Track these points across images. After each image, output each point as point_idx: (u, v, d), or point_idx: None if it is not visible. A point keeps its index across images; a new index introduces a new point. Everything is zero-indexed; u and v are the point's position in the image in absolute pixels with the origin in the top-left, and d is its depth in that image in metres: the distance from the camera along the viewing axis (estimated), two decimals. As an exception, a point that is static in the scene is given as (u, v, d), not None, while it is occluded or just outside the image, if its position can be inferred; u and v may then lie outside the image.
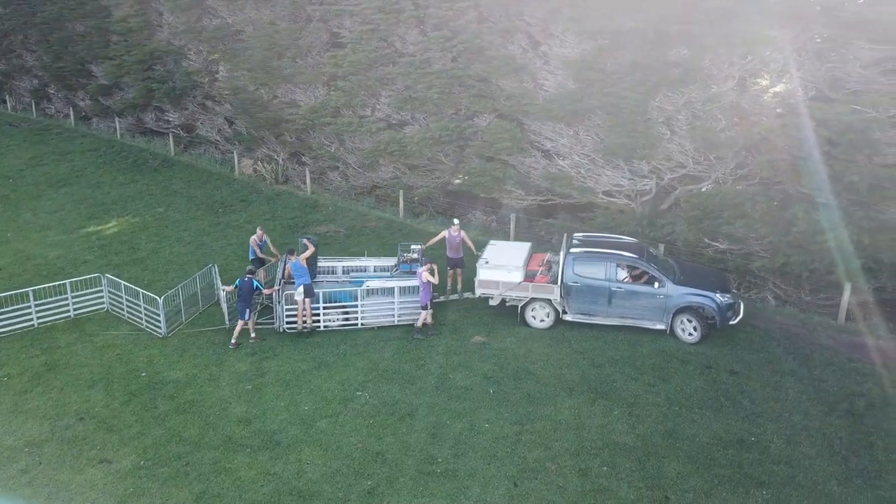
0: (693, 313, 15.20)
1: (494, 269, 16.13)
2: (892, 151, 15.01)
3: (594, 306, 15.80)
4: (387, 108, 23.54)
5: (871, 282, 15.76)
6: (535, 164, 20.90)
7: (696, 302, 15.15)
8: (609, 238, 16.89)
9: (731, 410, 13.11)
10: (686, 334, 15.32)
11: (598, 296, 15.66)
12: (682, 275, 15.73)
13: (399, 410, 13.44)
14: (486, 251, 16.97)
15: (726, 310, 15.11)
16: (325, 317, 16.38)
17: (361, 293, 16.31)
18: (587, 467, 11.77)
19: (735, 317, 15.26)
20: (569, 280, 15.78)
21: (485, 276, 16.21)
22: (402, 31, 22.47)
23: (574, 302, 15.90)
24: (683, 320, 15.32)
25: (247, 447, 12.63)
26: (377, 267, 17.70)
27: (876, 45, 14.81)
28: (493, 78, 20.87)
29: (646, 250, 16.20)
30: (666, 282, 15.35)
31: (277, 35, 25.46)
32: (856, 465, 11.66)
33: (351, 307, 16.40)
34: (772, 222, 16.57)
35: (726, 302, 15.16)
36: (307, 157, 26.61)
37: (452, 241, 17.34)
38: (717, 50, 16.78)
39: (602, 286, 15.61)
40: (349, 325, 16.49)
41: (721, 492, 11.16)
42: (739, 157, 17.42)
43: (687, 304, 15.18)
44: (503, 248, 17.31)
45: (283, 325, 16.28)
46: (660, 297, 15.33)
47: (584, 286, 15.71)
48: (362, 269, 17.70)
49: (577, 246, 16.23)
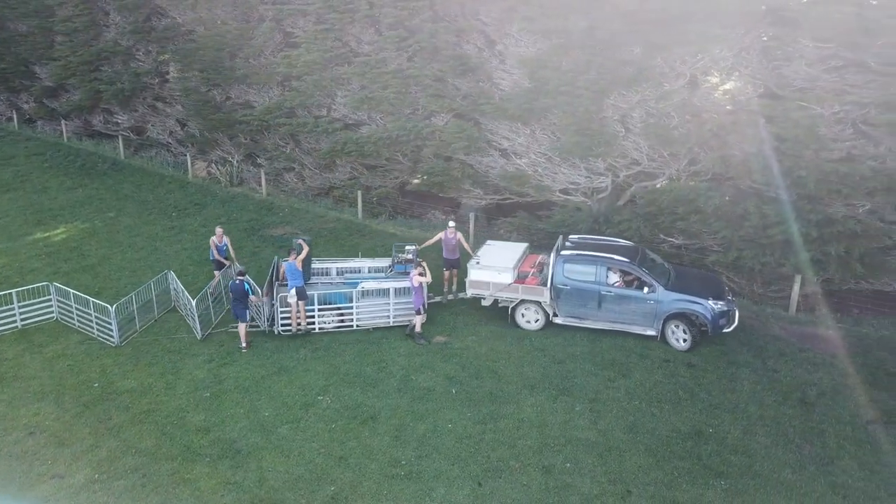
0: (684, 320, 14.88)
1: (485, 269, 16.05)
2: (837, 147, 15.45)
3: (584, 309, 15.58)
4: (343, 109, 23.35)
5: (820, 273, 16.22)
6: (492, 164, 20.97)
7: (687, 308, 14.83)
8: (604, 241, 16.64)
9: (689, 403, 13.35)
10: (677, 341, 15.03)
11: (588, 299, 15.44)
12: (676, 280, 15.45)
13: (361, 414, 13.33)
14: (481, 251, 16.92)
15: (719, 317, 14.79)
16: (319, 319, 16.20)
17: (356, 294, 16.15)
18: (550, 464, 11.85)
19: (729, 325, 14.98)
20: (558, 282, 15.58)
21: (475, 276, 16.17)
22: (357, 31, 22.31)
23: (564, 305, 15.71)
24: (674, 327, 15.03)
25: (206, 456, 12.37)
26: (371, 268, 17.57)
27: (819, 43, 15.22)
28: (450, 77, 20.87)
29: (642, 254, 15.88)
30: (657, 287, 15.03)
31: (230, 35, 25.05)
32: (809, 452, 11.99)
33: (346, 309, 16.24)
34: (724, 217, 16.93)
35: (719, 309, 14.83)
36: (262, 158, 26.23)
37: (448, 242, 17.29)
38: (668, 49, 17.06)
39: (591, 289, 15.38)
40: (344, 327, 16.33)
41: (681, 483, 11.35)
42: (692, 154, 17.74)
43: (678, 311, 14.88)
44: (499, 248, 17.23)
45: (279, 327, 16.10)
46: (650, 303, 15.04)
47: (574, 289, 15.51)
48: (356, 271, 17.55)
49: (569, 248, 16.02)
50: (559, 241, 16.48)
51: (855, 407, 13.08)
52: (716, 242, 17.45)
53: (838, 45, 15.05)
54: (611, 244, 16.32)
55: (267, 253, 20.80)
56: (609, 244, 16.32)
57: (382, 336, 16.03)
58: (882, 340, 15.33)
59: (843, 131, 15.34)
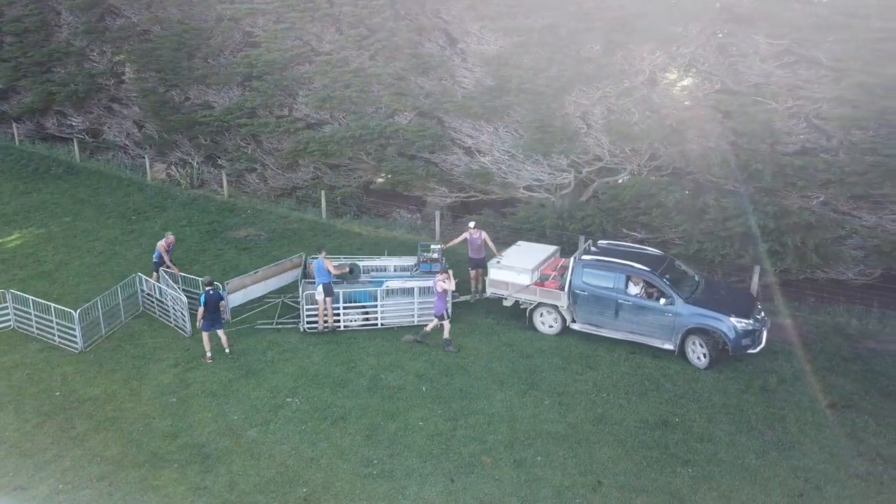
0: (704, 336, 14.12)
1: (505, 269, 15.88)
2: (792, 141, 15.90)
3: (601, 317, 15.09)
4: (305, 108, 23.18)
5: (778, 264, 16.67)
6: (456, 162, 21.06)
7: (706, 324, 14.05)
8: (632, 248, 16.05)
9: (655, 394, 13.60)
10: (696, 358, 14.29)
11: (605, 307, 14.93)
12: (701, 294, 14.71)
13: (331, 414, 13.28)
14: (508, 251, 16.84)
15: (742, 336, 13.96)
16: (345, 317, 16.14)
17: (381, 293, 16.08)
18: (522, 458, 11.96)
19: (755, 346, 14.18)
20: (576, 288, 15.17)
21: (495, 276, 16.08)
22: (317, 30, 22.17)
23: (581, 311, 15.28)
24: (694, 343, 14.27)
25: (174, 462, 12.19)
26: (397, 266, 17.51)
27: (772, 39, 15.64)
28: (412, 76, 20.88)
29: (668, 264, 15.22)
30: (675, 298, 14.30)
31: (187, 34, 24.64)
32: (771, 437, 12.32)
33: (370, 307, 16.17)
34: (685, 211, 17.29)
35: (743, 328, 13.99)
36: (223, 159, 25.88)
37: (474, 242, 17.20)
38: (627, 46, 17.34)
39: (609, 297, 14.85)
40: (369, 325, 16.26)
41: (650, 472, 11.57)
42: (653, 149, 18.07)
43: (697, 326, 14.13)
44: (526, 249, 17.02)
45: (304, 325, 16.04)
46: (668, 315, 14.33)
47: (592, 295, 15.03)
48: (382, 269, 17.48)
49: (593, 253, 15.57)
50: (584, 246, 16.12)
51: (814, 393, 13.47)
52: (677, 236, 17.81)
53: (791, 42, 15.48)
54: (637, 252, 15.72)
55: (230, 255, 20.56)
56: (635, 252, 15.71)
57: (351, 336, 15.98)
58: (837, 327, 15.82)
59: (797, 125, 15.79)
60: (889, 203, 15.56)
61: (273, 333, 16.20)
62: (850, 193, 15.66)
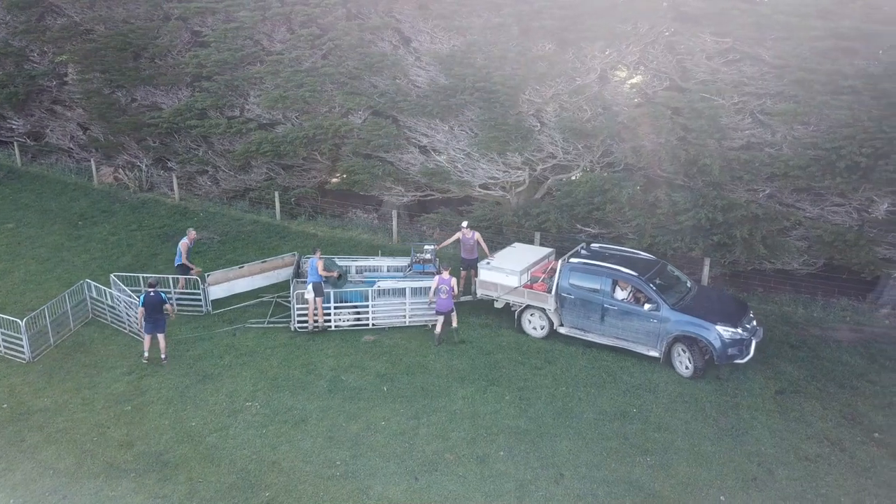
0: (690, 344, 13.83)
1: (494, 270, 15.79)
2: (738, 136, 16.37)
3: (587, 322, 14.92)
4: (257, 108, 22.86)
5: (727, 256, 17.14)
6: (412, 160, 21.05)
7: (691, 332, 13.72)
8: (624, 252, 15.87)
9: (613, 386, 13.86)
10: (682, 367, 14.03)
11: (592, 311, 14.75)
12: (691, 301, 14.41)
13: (292, 417, 13.16)
14: (501, 252, 16.76)
15: (729, 346, 13.56)
16: (336, 317, 16.03)
17: (372, 294, 15.97)
18: (484, 454, 12.06)
19: (742, 356, 13.72)
20: (563, 291, 15.02)
21: (485, 277, 16.01)
22: (268, 29, 21.88)
23: (568, 314, 15.15)
24: (680, 351, 14.02)
25: (131, 472, 11.92)
26: (391, 267, 17.39)
27: (718, 37, 16.07)
28: (366, 75, 20.78)
29: (659, 270, 14.99)
30: (660, 304, 14.03)
31: (133, 34, 24.00)
32: (725, 424, 12.68)
33: (362, 307, 16.08)
34: (637, 206, 17.63)
35: (730, 337, 13.59)
36: (173, 162, 25.33)
37: (466, 242, 17.14)
38: (578, 44, 17.59)
39: (595, 301, 14.68)
40: (361, 325, 16.16)
41: (610, 463, 11.79)
42: (605, 146, 18.38)
43: (682, 333, 13.83)
44: (520, 251, 16.91)
45: (295, 324, 15.96)
46: (653, 321, 14.08)
47: (578, 299, 14.87)
48: (376, 269, 17.36)
49: (584, 256, 15.40)
50: (575, 249, 16.01)
51: (764, 379, 13.91)
52: (630, 230, 18.15)
53: (735, 40, 15.94)
54: (627, 256, 15.53)
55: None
56: (625, 256, 15.52)
57: (309, 338, 15.85)
58: (784, 316, 16.36)
59: (743, 121, 16.27)
60: (830, 195, 16.17)
61: (229, 338, 15.98)
62: (793, 186, 16.20)
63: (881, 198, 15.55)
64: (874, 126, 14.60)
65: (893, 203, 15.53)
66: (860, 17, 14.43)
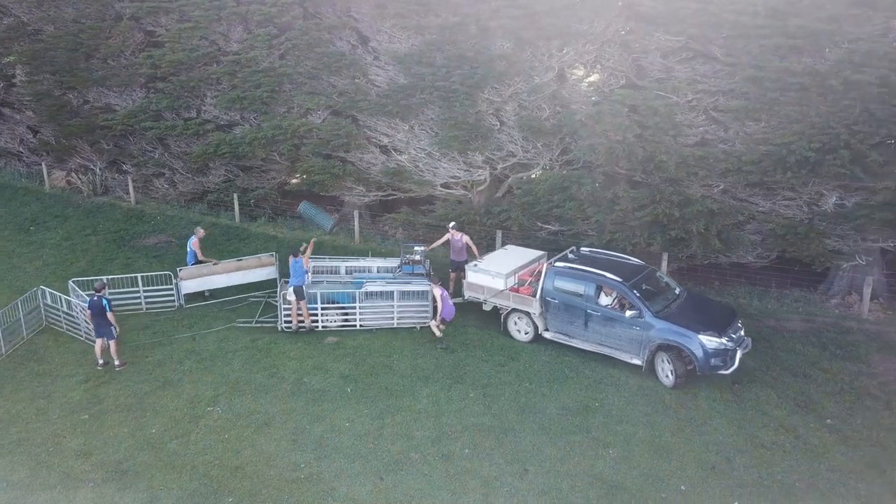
0: (672, 353, 13.48)
1: (481, 273, 15.70)
2: (692, 132, 16.70)
3: (571, 327, 14.70)
4: (213, 109, 22.54)
5: (684, 250, 17.48)
6: (373, 160, 20.99)
7: (672, 340, 13.38)
8: (612, 256, 15.61)
9: (576, 380, 14.03)
10: (664, 375, 13.72)
11: (575, 316, 14.53)
12: (676, 308, 14.05)
13: (255, 421, 13.02)
14: (491, 254, 16.67)
15: (711, 355, 13.16)
16: (323, 317, 15.97)
17: (360, 295, 15.86)
18: (450, 451, 12.10)
19: (727, 366, 13.29)
20: (548, 295, 14.83)
21: (472, 279, 15.92)
22: (224, 29, 21.58)
23: (552, 319, 14.97)
24: (663, 359, 13.66)
25: (89, 482, 11.65)
26: (381, 268, 17.21)
27: (671, 36, 16.37)
28: (324, 75, 20.66)
29: (646, 276, 14.73)
30: (644, 311, 13.70)
31: (84, 34, 23.45)
32: (684, 415, 12.93)
33: (350, 308, 15.98)
34: (596, 203, 17.86)
35: (713, 346, 13.18)
36: (128, 164, 24.84)
37: (455, 244, 17.06)
38: (536, 43, 17.74)
39: (579, 306, 14.46)
40: (348, 327, 16.04)
41: (574, 457, 11.93)
42: (564, 144, 18.58)
43: (664, 341, 13.50)
44: (511, 253, 16.77)
45: (282, 324, 15.97)
46: (635, 329, 13.77)
47: (563, 303, 14.67)
48: (366, 270, 17.20)
49: (571, 260, 15.18)
50: (565, 253, 15.84)
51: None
52: (590, 227, 18.38)
53: (688, 38, 16.25)
54: (615, 261, 15.29)
55: (139, 264, 19.77)
56: (613, 261, 15.28)
57: (272, 341, 15.71)
58: (740, 308, 16.74)
59: (697, 118, 16.60)
60: (781, 189, 16.59)
61: (190, 342, 15.74)
62: (746, 181, 16.58)
63: (829, 191, 16.02)
64: (822, 122, 15.04)
65: (841, 196, 16.02)
66: (807, 16, 14.83)
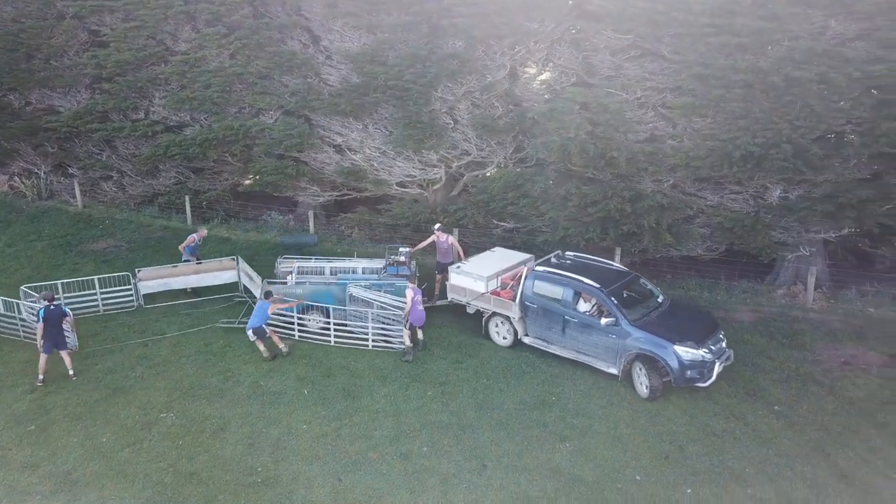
0: (648, 363, 13.12)
1: (463, 275, 15.51)
2: (642, 129, 17.01)
3: (549, 333, 14.44)
4: (162, 110, 22.10)
5: (637, 245, 17.79)
6: (327, 160, 20.84)
7: (647, 349, 13.00)
8: (595, 262, 15.29)
9: (532, 375, 14.16)
10: (640, 386, 13.34)
11: (553, 322, 14.26)
12: (656, 317, 13.66)
13: (210, 426, 12.81)
14: (477, 256, 16.47)
15: (687, 367, 12.77)
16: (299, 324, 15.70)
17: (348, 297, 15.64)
18: (408, 450, 12.09)
19: (704, 379, 12.89)
20: (527, 300, 14.59)
21: (455, 281, 15.72)
22: (172, 28, 21.17)
23: (531, 324, 14.72)
24: (639, 370, 13.32)
25: (37, 494, 11.31)
26: (366, 269, 16.76)
27: (620, 34, 16.65)
28: (276, 74, 20.44)
29: (628, 282, 14.41)
30: (620, 319, 13.35)
31: (24, 34, 22.72)
32: (639, 406, 13.16)
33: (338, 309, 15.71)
34: (550, 199, 18.06)
35: (689, 357, 12.79)
36: (74, 167, 24.17)
37: (441, 245, 16.86)
38: (488, 42, 17.85)
39: (557, 312, 14.17)
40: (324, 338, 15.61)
41: (531, 451, 12.04)
42: (517, 142, 18.74)
43: (640, 351, 13.13)
44: (497, 255, 16.49)
45: None
46: (612, 337, 13.42)
47: (541, 308, 14.41)
48: (352, 271, 16.73)
49: (553, 265, 14.93)
50: (548, 257, 15.62)
51: (673, 361, 14.50)
52: (544, 223, 18.57)
53: (636, 37, 16.54)
54: (598, 267, 14.99)
55: (88, 269, 19.26)
56: (596, 267, 14.98)
57: (226, 344, 15.47)
58: (691, 300, 17.11)
59: (646, 115, 16.92)
60: (728, 184, 17.02)
61: (141, 348, 15.40)
62: (694, 176, 16.96)
63: (774, 185, 16.50)
64: (765, 117, 15.48)
65: (785, 189, 16.52)
66: (750, 14, 15.23)
